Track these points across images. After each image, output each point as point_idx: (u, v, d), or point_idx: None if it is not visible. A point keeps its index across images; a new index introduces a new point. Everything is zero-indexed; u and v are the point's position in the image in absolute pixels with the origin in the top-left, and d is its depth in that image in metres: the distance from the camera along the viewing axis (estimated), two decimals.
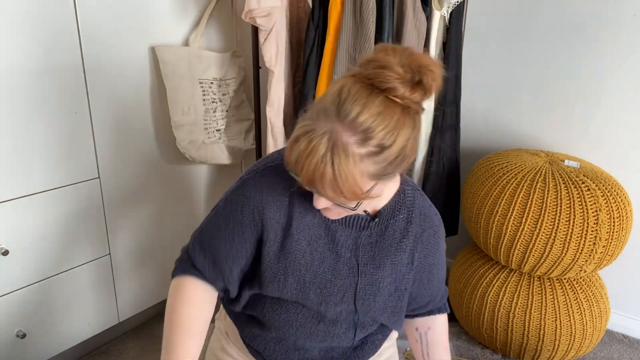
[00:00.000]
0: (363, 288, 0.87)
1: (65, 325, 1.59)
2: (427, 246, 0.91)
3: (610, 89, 1.78)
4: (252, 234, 0.85)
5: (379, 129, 0.66)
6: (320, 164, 0.67)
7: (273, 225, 0.84)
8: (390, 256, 0.87)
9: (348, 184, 0.68)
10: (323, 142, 0.67)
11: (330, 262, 0.86)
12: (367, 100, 0.67)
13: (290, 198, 0.84)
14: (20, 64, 1.32)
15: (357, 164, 0.67)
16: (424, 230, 0.89)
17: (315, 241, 0.85)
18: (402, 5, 1.59)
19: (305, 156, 0.68)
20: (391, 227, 0.87)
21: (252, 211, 0.84)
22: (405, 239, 0.88)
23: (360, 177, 0.68)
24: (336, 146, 0.66)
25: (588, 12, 1.76)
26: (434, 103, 1.80)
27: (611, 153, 1.83)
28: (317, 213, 0.85)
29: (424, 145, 1.84)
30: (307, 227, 0.85)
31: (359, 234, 0.86)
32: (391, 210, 0.87)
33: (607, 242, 1.50)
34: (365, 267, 0.87)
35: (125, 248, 1.71)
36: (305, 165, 0.68)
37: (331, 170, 0.67)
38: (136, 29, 1.57)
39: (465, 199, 1.77)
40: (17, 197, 1.39)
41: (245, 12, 1.53)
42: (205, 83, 1.76)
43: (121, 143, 1.61)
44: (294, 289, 0.86)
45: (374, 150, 0.67)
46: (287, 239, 0.85)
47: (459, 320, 1.89)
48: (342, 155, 0.66)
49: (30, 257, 1.45)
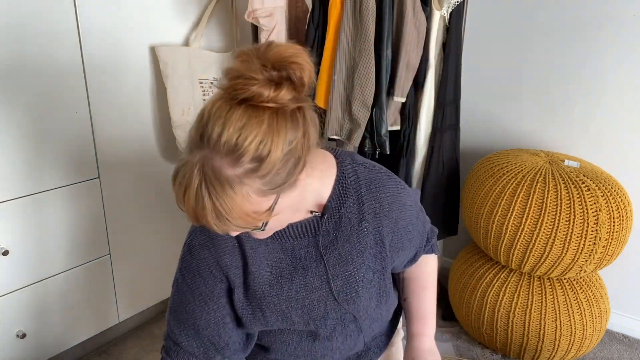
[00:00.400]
0: (341, 290, 0.83)
1: (65, 325, 1.59)
2: (392, 215, 0.85)
3: (610, 89, 1.78)
4: (221, 289, 0.83)
5: (247, 143, 0.60)
6: (198, 198, 0.62)
7: (233, 272, 0.82)
8: (355, 245, 0.83)
9: (234, 213, 0.62)
10: (195, 174, 0.61)
11: (299, 279, 0.83)
12: (227, 116, 0.60)
13: (238, 240, 0.82)
14: (21, 64, 1.32)
15: (237, 190, 0.61)
16: (381, 203, 0.84)
17: (277, 267, 0.83)
18: (401, 5, 1.59)
19: (182, 193, 0.63)
20: (345, 216, 0.82)
21: (210, 269, 0.83)
22: (363, 221, 0.83)
23: (248, 201, 0.62)
24: (208, 175, 0.61)
25: (588, 12, 1.76)
26: (434, 103, 1.80)
27: (611, 153, 1.83)
28: (267, 241, 0.82)
29: (424, 145, 1.84)
30: (263, 259, 0.82)
31: (316, 239, 0.82)
32: (338, 198, 0.82)
33: (607, 242, 1.50)
34: (334, 269, 0.83)
35: (125, 248, 1.71)
36: (185, 203, 0.63)
37: (210, 203, 0.61)
38: (136, 29, 1.57)
39: (465, 199, 1.77)
40: (17, 197, 1.39)
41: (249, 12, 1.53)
42: (205, 83, 1.76)
43: (121, 143, 1.61)
44: (277, 320, 0.84)
45: (251, 167, 0.61)
46: (248, 278, 0.82)
47: (459, 320, 1.89)
48: (217, 184, 0.61)
49: (30, 257, 1.45)
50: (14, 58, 1.30)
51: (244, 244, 0.82)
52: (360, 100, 1.63)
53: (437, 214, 1.90)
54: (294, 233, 0.82)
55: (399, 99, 1.69)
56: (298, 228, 0.82)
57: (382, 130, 1.67)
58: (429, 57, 1.74)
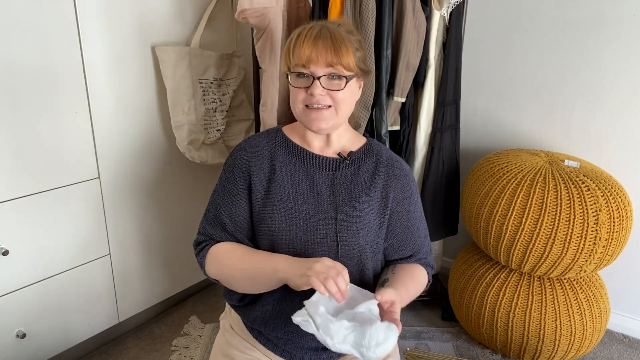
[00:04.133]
0: (344, 219, 0.99)
1: (65, 325, 1.59)
2: (399, 187, 1.05)
3: (610, 89, 1.78)
4: (243, 186, 1.02)
5: (353, 34, 0.99)
6: (321, 35, 0.94)
7: (259, 175, 1.02)
8: (365, 190, 1.02)
9: (342, 48, 0.94)
10: (318, 26, 0.96)
11: (311, 200, 1.00)
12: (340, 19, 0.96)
13: (272, 153, 1.04)
14: (21, 64, 1.32)
15: (345, 40, 0.95)
16: (393, 170, 1.05)
17: (297, 184, 1.01)
18: (401, 6, 1.59)
19: (305, 32, 0.94)
20: (362, 169, 1.04)
21: (241, 167, 1.03)
22: (376, 177, 1.04)
23: (350, 47, 0.95)
24: (330, 28, 0.95)
25: (588, 12, 1.76)
26: (434, 103, 1.80)
27: (611, 153, 1.83)
28: (297, 162, 1.03)
29: (423, 145, 1.84)
30: (289, 173, 1.02)
31: (334, 175, 1.03)
32: (360, 154, 1.06)
33: (607, 242, 1.50)
34: (343, 201, 1.00)
35: (125, 248, 1.71)
36: (306, 39, 0.94)
37: (329, 38, 0.93)
38: (136, 29, 1.57)
39: (465, 199, 1.77)
40: (17, 197, 1.39)
41: (238, 12, 1.53)
42: (205, 83, 1.76)
43: (121, 143, 1.61)
44: (282, 227, 0.98)
45: (355, 38, 0.99)
46: (272, 185, 1.01)
47: (459, 320, 1.89)
48: (336, 32, 0.95)
49: (30, 257, 1.45)
50: (14, 58, 1.30)
51: (276, 158, 1.03)
52: (361, 100, 1.63)
53: (437, 214, 1.90)
54: (319, 164, 1.03)
55: (399, 99, 1.69)
56: (323, 161, 1.03)
57: (382, 130, 1.67)
58: (429, 57, 1.74)
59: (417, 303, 2.05)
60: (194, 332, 1.86)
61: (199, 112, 1.75)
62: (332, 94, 0.96)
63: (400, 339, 1.85)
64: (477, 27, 1.98)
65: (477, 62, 2.02)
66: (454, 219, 1.95)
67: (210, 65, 1.76)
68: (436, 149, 1.82)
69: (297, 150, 1.05)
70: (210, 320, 1.94)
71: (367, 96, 1.62)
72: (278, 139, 1.06)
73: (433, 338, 1.87)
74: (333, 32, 0.94)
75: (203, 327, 1.88)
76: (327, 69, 0.95)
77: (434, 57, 1.74)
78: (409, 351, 1.77)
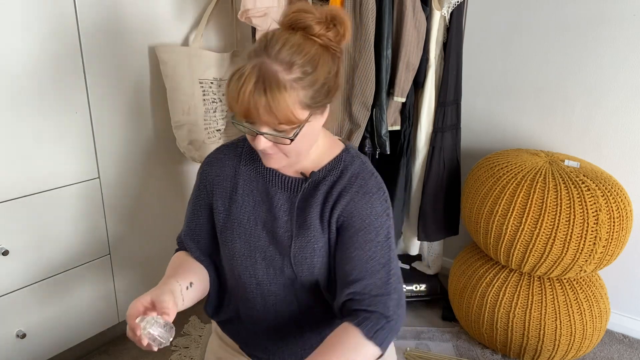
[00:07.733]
0: (298, 251, 0.89)
1: (65, 325, 1.59)
2: (353, 203, 0.88)
3: (610, 88, 1.78)
4: (206, 203, 0.99)
5: (299, 57, 0.77)
6: (254, 91, 0.75)
7: (221, 195, 0.96)
8: (317, 216, 0.89)
9: (281, 107, 0.75)
10: (254, 73, 0.75)
11: (269, 226, 0.92)
12: (288, 37, 0.78)
13: (236, 169, 0.96)
14: (21, 64, 1.32)
15: (287, 89, 0.75)
16: (350, 186, 0.89)
17: (258, 205, 0.93)
18: (401, 6, 1.59)
19: (239, 87, 0.76)
20: (320, 188, 0.90)
21: (205, 184, 0.98)
22: (329, 196, 0.89)
23: (292, 103, 0.76)
24: (266, 75, 0.75)
25: (588, 12, 1.76)
26: (434, 103, 1.80)
27: (611, 153, 1.83)
28: (259, 179, 0.94)
29: (424, 145, 1.84)
30: (251, 193, 0.94)
31: (295, 197, 0.91)
32: (324, 173, 0.91)
33: (607, 242, 1.50)
34: (298, 230, 0.89)
35: (125, 248, 1.71)
36: (240, 95, 0.76)
37: (264, 96, 0.75)
38: (136, 29, 1.57)
39: (465, 199, 1.77)
40: (17, 197, 1.39)
41: (241, 12, 1.53)
42: (205, 83, 1.76)
43: (121, 143, 1.61)
44: (243, 253, 0.93)
45: (299, 76, 0.77)
46: (232, 205, 0.94)
47: (459, 320, 1.89)
48: (273, 82, 0.75)
49: (30, 257, 1.45)
50: (14, 58, 1.30)
51: (239, 174, 0.96)
52: (360, 100, 1.63)
53: (437, 214, 1.91)
54: (280, 183, 0.93)
55: (399, 99, 1.69)
56: (285, 181, 0.92)
57: (382, 131, 1.67)
58: (429, 57, 1.74)
59: (417, 303, 2.05)
60: (194, 332, 1.86)
61: (199, 112, 1.74)
62: (280, 146, 0.82)
63: (401, 339, 1.85)
64: (478, 27, 1.98)
65: (477, 62, 2.02)
66: (455, 219, 1.95)
67: (210, 65, 1.76)
68: (437, 149, 1.82)
69: (260, 166, 0.95)
70: (210, 320, 1.93)
71: (367, 96, 1.63)
72: (245, 151, 0.97)
73: (433, 338, 1.87)
74: (269, 81, 0.74)
75: (203, 327, 1.88)
76: (268, 128, 0.79)
77: (434, 57, 1.74)
78: (409, 351, 1.76)
